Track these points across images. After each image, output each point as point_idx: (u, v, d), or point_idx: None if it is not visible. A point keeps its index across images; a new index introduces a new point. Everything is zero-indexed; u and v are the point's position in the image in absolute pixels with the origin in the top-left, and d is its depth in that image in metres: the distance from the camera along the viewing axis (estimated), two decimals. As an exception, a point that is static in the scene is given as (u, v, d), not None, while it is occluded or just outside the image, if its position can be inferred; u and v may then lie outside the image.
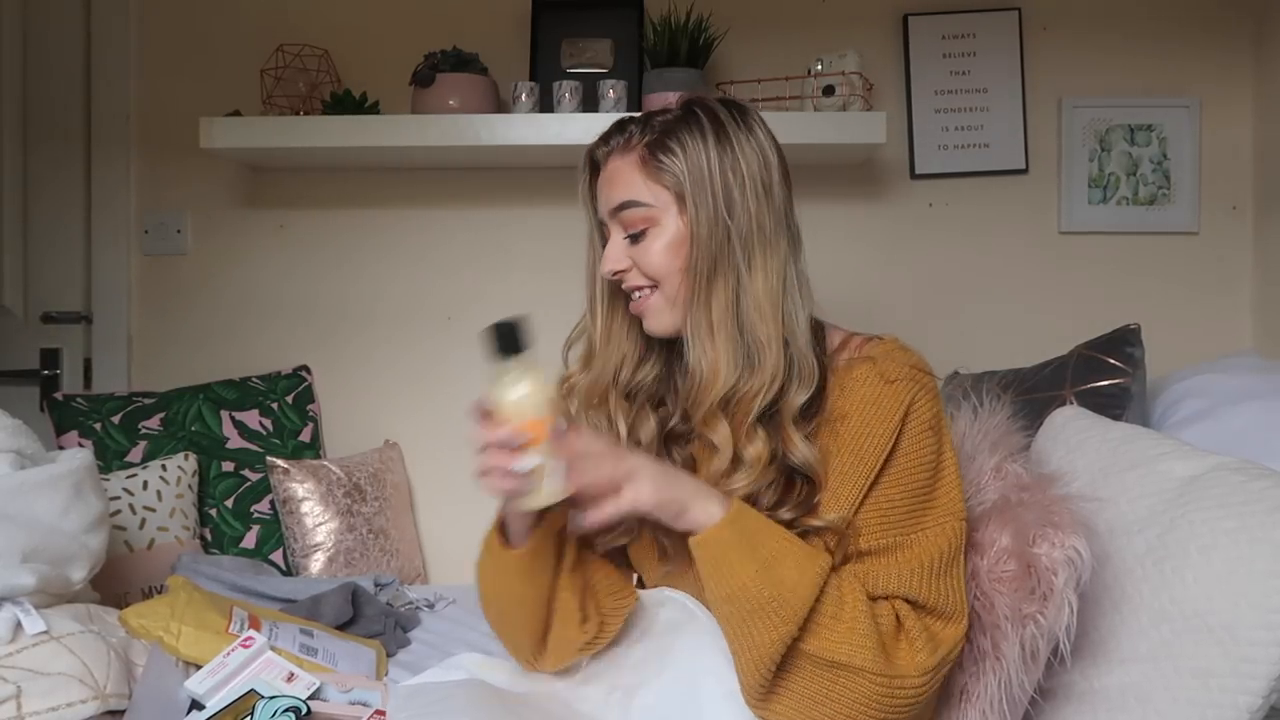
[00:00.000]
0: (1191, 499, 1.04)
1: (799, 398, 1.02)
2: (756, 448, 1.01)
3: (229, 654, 1.17)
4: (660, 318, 1.07)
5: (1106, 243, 2.05)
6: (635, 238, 1.06)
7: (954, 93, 2.04)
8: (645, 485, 0.96)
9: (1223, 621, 0.95)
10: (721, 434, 1.02)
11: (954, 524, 0.99)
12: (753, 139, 1.05)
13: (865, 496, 0.98)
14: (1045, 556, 0.99)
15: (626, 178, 1.06)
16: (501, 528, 1.04)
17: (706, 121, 1.05)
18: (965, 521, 1.00)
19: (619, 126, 1.10)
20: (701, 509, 0.96)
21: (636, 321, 1.11)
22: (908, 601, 0.96)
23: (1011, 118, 2.03)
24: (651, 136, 1.06)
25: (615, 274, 1.07)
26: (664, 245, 1.05)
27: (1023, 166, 2.04)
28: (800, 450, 1.00)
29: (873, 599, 0.96)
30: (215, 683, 1.12)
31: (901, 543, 0.97)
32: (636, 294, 1.08)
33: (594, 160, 1.12)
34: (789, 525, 0.99)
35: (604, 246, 1.10)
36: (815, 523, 0.99)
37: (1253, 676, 0.92)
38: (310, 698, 1.12)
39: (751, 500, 1.01)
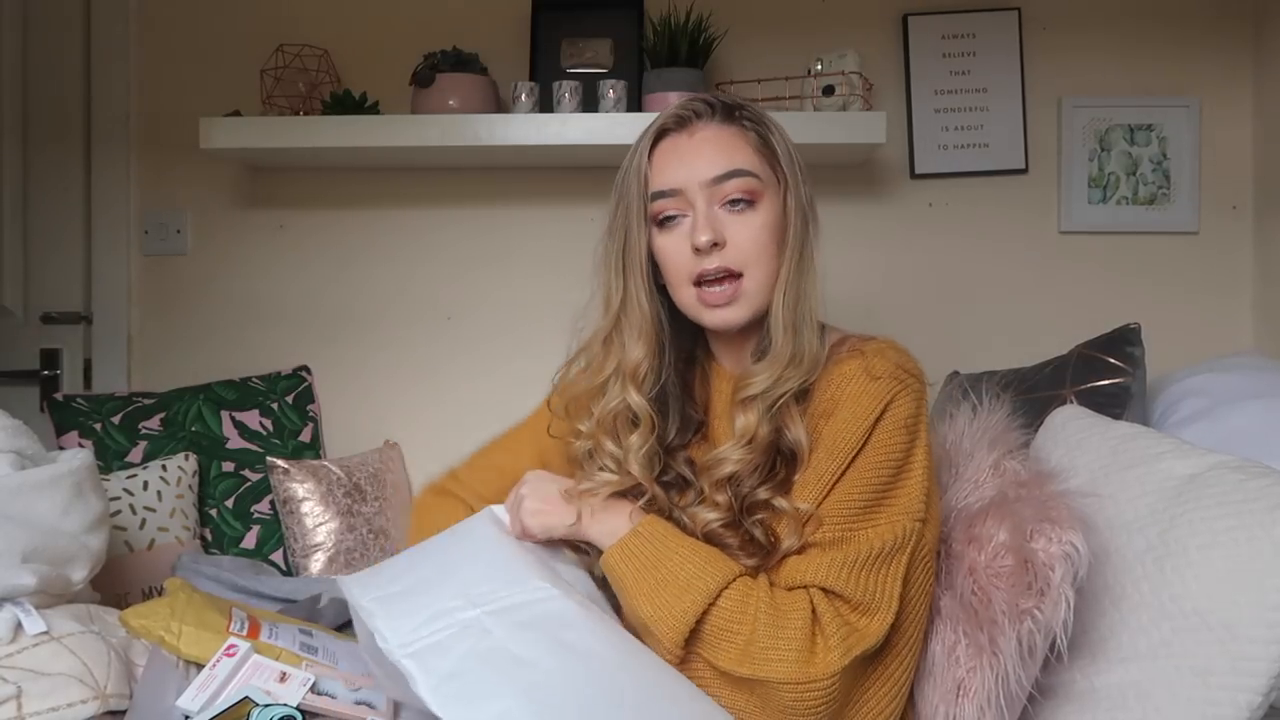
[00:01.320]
0: (1191, 497, 1.04)
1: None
2: (763, 430, 1.01)
3: (215, 665, 1.15)
4: (741, 308, 1.04)
5: (1106, 242, 2.05)
6: (736, 205, 1.02)
7: (954, 92, 2.04)
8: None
9: (1222, 620, 0.95)
10: (749, 420, 1.02)
11: (906, 522, 0.97)
12: None
13: (831, 490, 0.98)
14: (1042, 552, 0.99)
15: (732, 145, 1.04)
16: None
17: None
18: (924, 523, 0.99)
19: (703, 102, 1.06)
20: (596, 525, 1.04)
21: (656, 318, 1.09)
22: (824, 590, 0.95)
23: (1011, 117, 2.03)
24: (747, 113, 1.05)
25: (712, 244, 1.02)
26: (764, 224, 1.03)
27: (1022, 166, 2.04)
28: (796, 428, 1.01)
29: (790, 588, 0.96)
30: (207, 697, 1.11)
31: (847, 537, 0.96)
32: (718, 285, 1.03)
33: (664, 131, 1.06)
34: (765, 504, 1.00)
35: (648, 227, 1.05)
36: (784, 504, 0.99)
37: (1252, 674, 0.92)
38: (311, 690, 1.11)
39: (736, 480, 1.02)
